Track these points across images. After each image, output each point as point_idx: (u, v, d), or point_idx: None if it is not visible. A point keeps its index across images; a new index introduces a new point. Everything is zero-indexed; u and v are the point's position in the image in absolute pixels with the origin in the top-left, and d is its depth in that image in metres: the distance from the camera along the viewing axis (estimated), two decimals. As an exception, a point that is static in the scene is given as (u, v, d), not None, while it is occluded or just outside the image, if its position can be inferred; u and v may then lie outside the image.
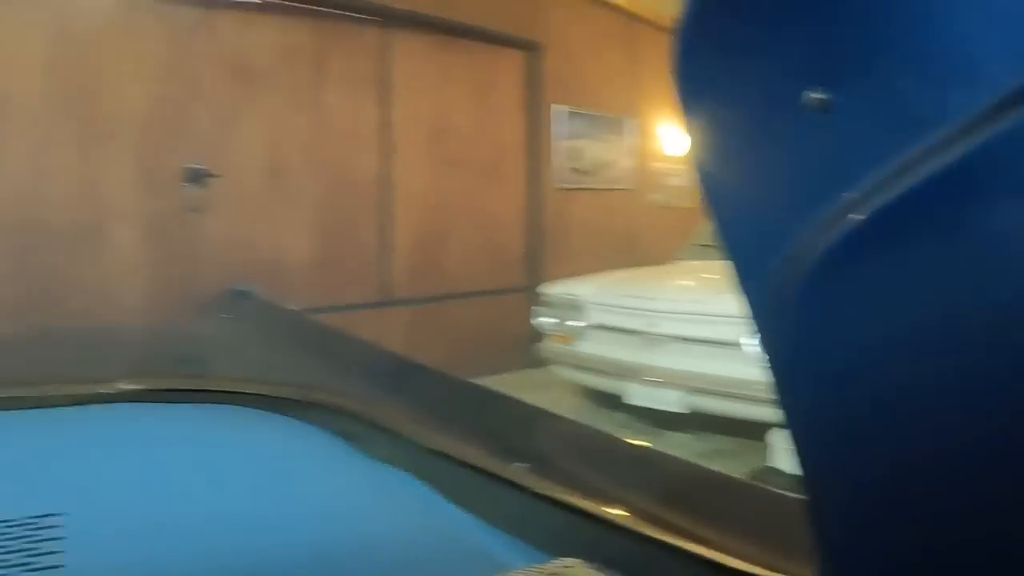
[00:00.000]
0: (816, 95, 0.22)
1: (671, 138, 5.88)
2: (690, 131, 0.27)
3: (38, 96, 3.21)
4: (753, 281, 0.26)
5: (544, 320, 3.74)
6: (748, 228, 0.26)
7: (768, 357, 0.25)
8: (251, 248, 3.53)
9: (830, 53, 0.22)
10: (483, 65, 4.66)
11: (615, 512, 0.48)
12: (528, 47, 4.89)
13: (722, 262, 0.29)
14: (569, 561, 0.40)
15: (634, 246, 5.33)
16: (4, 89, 3.14)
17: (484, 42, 4.64)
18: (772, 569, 0.40)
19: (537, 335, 3.79)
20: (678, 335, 3.23)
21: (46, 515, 0.46)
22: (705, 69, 0.25)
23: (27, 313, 3.11)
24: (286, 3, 3.72)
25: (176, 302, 3.22)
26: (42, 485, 0.53)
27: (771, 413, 0.29)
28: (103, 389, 0.74)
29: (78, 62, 3.26)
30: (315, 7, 3.79)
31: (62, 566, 0.40)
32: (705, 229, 4.06)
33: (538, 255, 4.90)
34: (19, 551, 0.41)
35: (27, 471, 0.56)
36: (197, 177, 3.34)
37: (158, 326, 2.43)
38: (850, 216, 0.22)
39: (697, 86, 0.26)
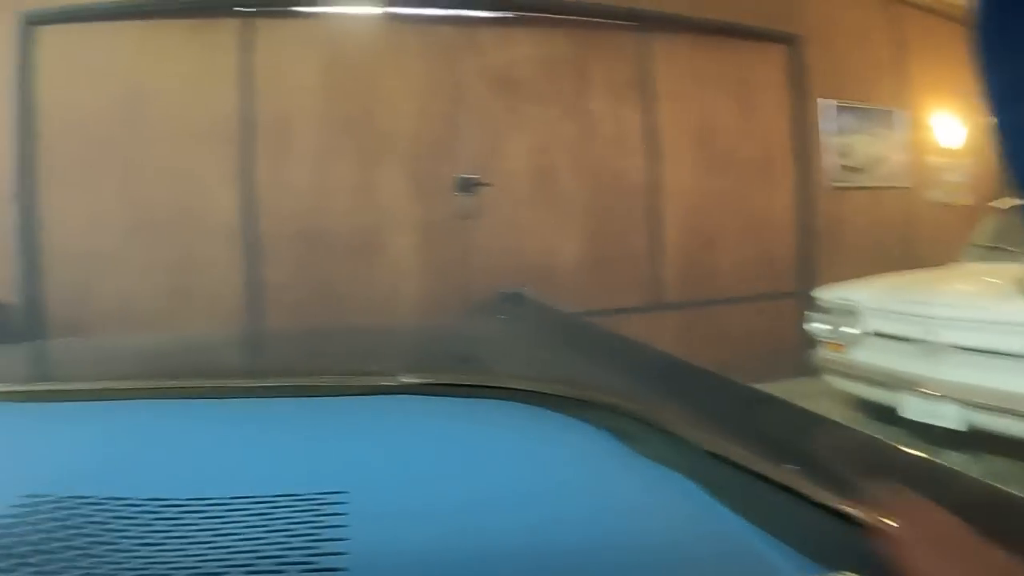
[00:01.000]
0: None
1: (946, 130, 5.36)
2: (987, 96, 0.25)
3: (317, 117, 3.54)
4: None
5: (817, 326, 3.53)
6: None
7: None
8: (520, 253, 3.66)
9: None
10: (744, 62, 4.49)
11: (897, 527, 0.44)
12: (788, 40, 4.64)
13: (1008, 265, 0.19)
14: None
15: (910, 247, 4.94)
16: (287, 113, 3.52)
17: (742, 38, 4.46)
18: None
19: (808, 342, 3.59)
20: (959, 344, 2.93)
21: (332, 492, 0.48)
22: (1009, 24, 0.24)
23: (311, 314, 3.46)
24: (543, 15, 3.85)
25: (449, 304, 3.43)
26: (329, 465, 0.55)
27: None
28: (387, 382, 0.76)
29: (351, 84, 3.56)
30: (572, 16, 3.89)
31: (344, 540, 0.41)
32: (987, 229, 3.73)
33: (809, 258, 4.58)
34: (305, 523, 0.44)
35: (316, 452, 0.59)
36: (468, 186, 3.54)
37: (434, 325, 2.54)
38: None
39: (1000, 43, 0.24)
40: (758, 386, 0.83)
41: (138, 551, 0.42)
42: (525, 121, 3.74)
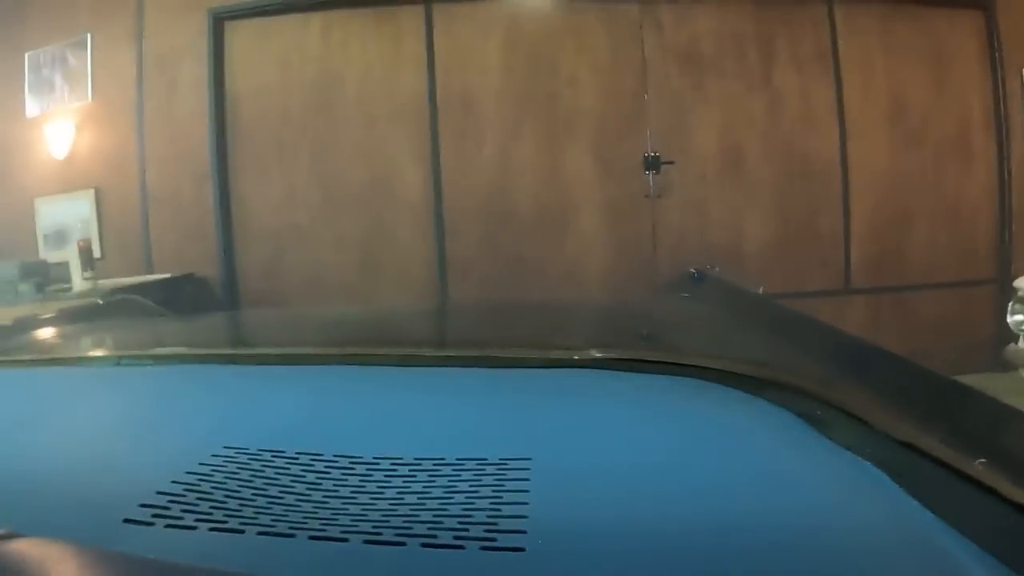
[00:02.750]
0: None
1: None
2: None
3: (501, 97, 3.60)
4: None
5: (1018, 318, 3.18)
6: None
7: None
8: (706, 232, 3.59)
9: None
10: (936, 32, 4.17)
11: None
12: (985, 7, 4.25)
13: None
14: None
15: None
16: (471, 93, 3.59)
17: (934, 6, 4.14)
18: None
19: (1006, 334, 3.24)
20: None
21: (516, 459, 0.49)
22: None
23: (497, 288, 3.53)
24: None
25: (635, 283, 3.39)
26: (514, 433, 0.56)
27: None
28: (576, 355, 0.76)
29: (534, 63, 3.58)
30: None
31: (526, 504, 0.42)
32: None
33: (1009, 243, 4.18)
34: (489, 486, 0.45)
35: (503, 421, 0.60)
36: (653, 164, 3.48)
37: (620, 303, 2.47)
38: None
39: None
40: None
41: (327, 503, 0.44)
42: (710, 98, 3.65)
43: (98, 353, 1.08)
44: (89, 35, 4.09)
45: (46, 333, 1.47)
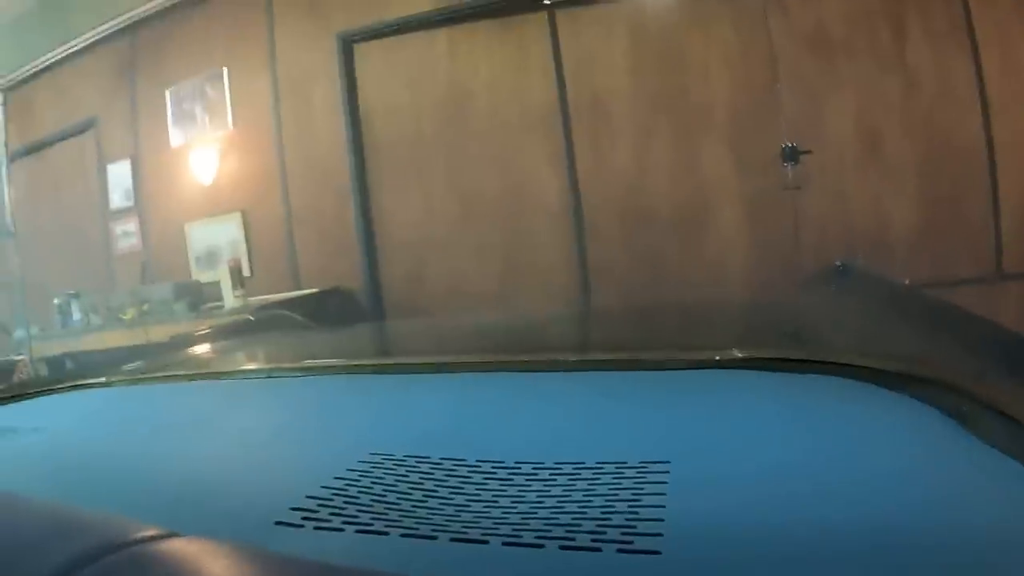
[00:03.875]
0: None
1: None
2: None
3: (631, 97, 3.58)
4: None
5: None
6: None
7: None
8: (848, 221, 3.46)
9: None
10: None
11: None
12: None
13: None
14: None
15: None
16: (601, 96, 3.59)
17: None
18: None
19: None
20: None
21: (655, 461, 0.49)
22: None
23: (638, 290, 3.52)
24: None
25: (778, 278, 3.32)
26: (655, 437, 0.55)
27: None
28: (717, 356, 0.75)
29: (661, 60, 3.55)
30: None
31: (663, 507, 0.42)
32: None
33: None
34: (628, 489, 0.45)
35: (643, 424, 0.60)
36: (791, 155, 3.41)
37: (764, 299, 2.43)
38: None
39: None
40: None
41: (469, 506, 0.45)
42: (843, 82, 3.52)
43: (250, 366, 1.13)
44: (225, 68, 4.34)
45: (201, 348, 1.56)
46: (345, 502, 0.47)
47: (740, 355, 0.75)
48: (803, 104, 3.50)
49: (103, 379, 1.01)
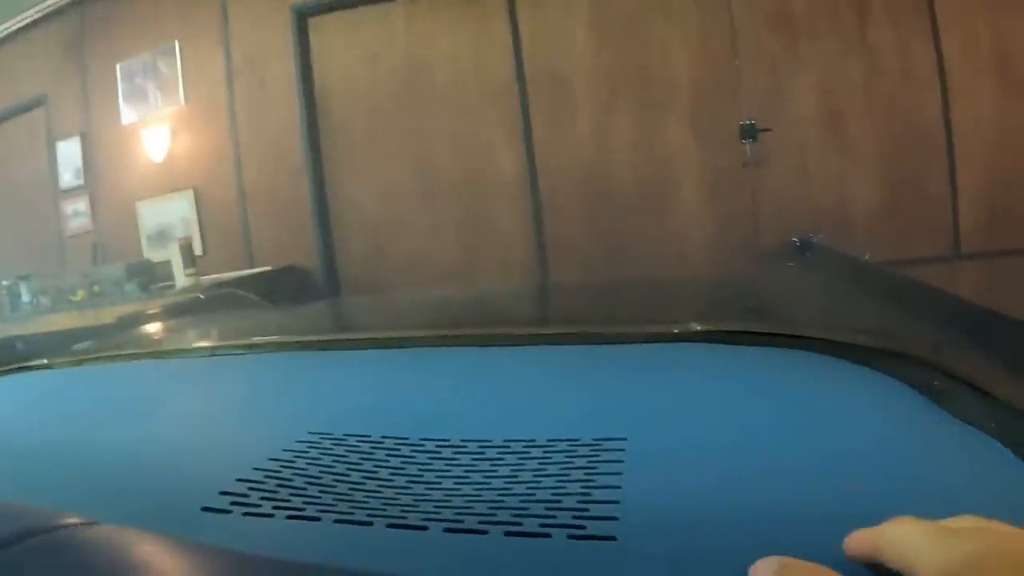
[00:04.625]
0: None
1: None
2: None
3: (591, 73, 3.55)
4: None
5: None
6: None
7: None
8: (808, 199, 3.47)
9: None
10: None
11: None
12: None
13: None
14: None
15: None
16: (560, 72, 3.56)
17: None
18: None
19: None
20: None
21: (610, 438, 0.46)
22: None
23: (598, 267, 3.50)
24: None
25: (738, 254, 3.32)
26: (611, 412, 0.53)
27: None
28: (676, 329, 0.73)
29: (622, 37, 3.52)
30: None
31: (619, 488, 0.39)
32: None
33: None
34: (582, 468, 0.42)
35: (598, 399, 0.57)
36: (750, 132, 3.39)
37: (724, 275, 2.41)
38: None
39: None
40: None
41: (409, 489, 0.42)
42: (804, 60, 3.52)
43: (194, 345, 1.10)
44: (177, 42, 4.22)
45: (147, 328, 1.53)
46: (278, 485, 0.44)
47: (699, 328, 0.73)
48: (764, 82, 3.50)
49: (44, 361, 0.98)
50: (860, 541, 0.30)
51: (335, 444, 0.50)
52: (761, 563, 0.28)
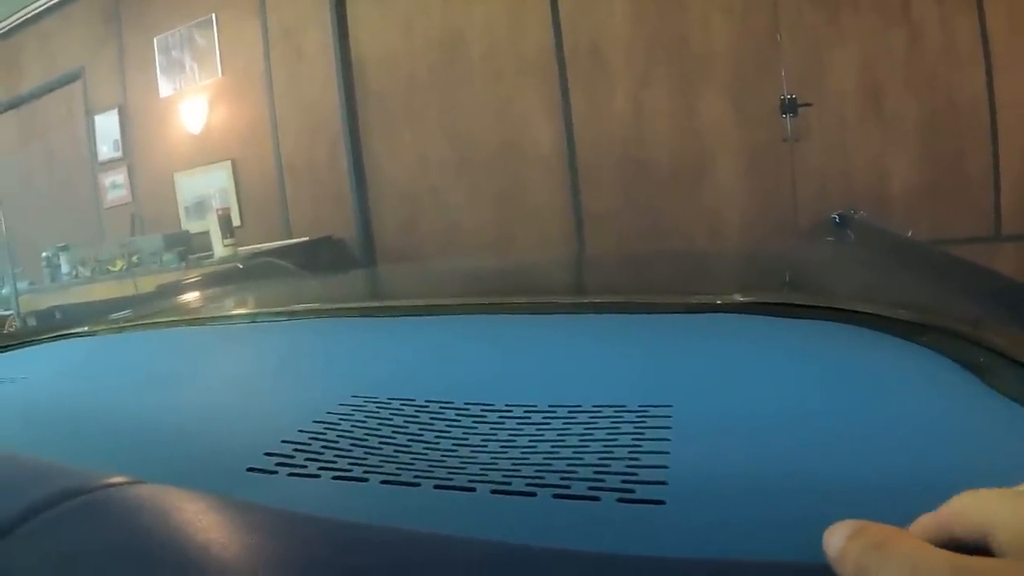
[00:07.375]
0: None
1: None
2: None
3: (629, 44, 3.51)
4: None
5: None
6: None
7: None
8: (847, 176, 3.42)
9: None
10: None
11: None
12: None
13: None
14: None
15: None
16: (599, 43, 3.52)
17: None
18: None
19: None
20: None
21: (656, 405, 0.46)
22: None
23: (635, 240, 3.48)
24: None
25: (776, 229, 3.29)
26: (656, 380, 0.53)
27: None
28: (719, 300, 0.73)
29: (662, 7, 3.49)
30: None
31: (667, 453, 0.40)
32: None
33: None
34: (629, 434, 0.42)
35: (643, 367, 0.57)
36: (790, 107, 3.36)
37: (763, 249, 2.39)
38: None
39: None
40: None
41: (455, 451, 0.42)
42: (846, 34, 3.46)
43: (234, 312, 1.11)
44: (214, 14, 4.25)
45: (186, 296, 1.56)
46: (323, 447, 0.44)
47: (742, 299, 0.73)
48: (805, 56, 3.45)
49: (86, 328, 0.99)
50: (923, 527, 0.29)
51: (379, 407, 0.50)
52: (837, 525, 0.28)
